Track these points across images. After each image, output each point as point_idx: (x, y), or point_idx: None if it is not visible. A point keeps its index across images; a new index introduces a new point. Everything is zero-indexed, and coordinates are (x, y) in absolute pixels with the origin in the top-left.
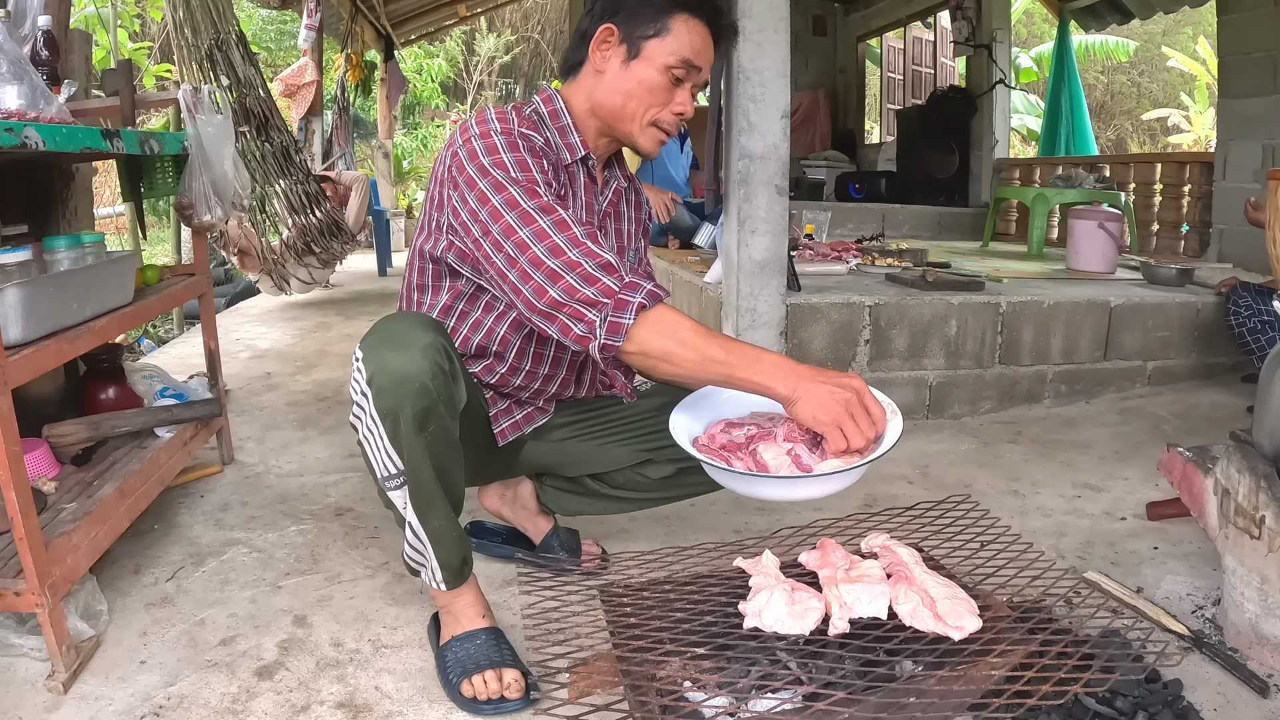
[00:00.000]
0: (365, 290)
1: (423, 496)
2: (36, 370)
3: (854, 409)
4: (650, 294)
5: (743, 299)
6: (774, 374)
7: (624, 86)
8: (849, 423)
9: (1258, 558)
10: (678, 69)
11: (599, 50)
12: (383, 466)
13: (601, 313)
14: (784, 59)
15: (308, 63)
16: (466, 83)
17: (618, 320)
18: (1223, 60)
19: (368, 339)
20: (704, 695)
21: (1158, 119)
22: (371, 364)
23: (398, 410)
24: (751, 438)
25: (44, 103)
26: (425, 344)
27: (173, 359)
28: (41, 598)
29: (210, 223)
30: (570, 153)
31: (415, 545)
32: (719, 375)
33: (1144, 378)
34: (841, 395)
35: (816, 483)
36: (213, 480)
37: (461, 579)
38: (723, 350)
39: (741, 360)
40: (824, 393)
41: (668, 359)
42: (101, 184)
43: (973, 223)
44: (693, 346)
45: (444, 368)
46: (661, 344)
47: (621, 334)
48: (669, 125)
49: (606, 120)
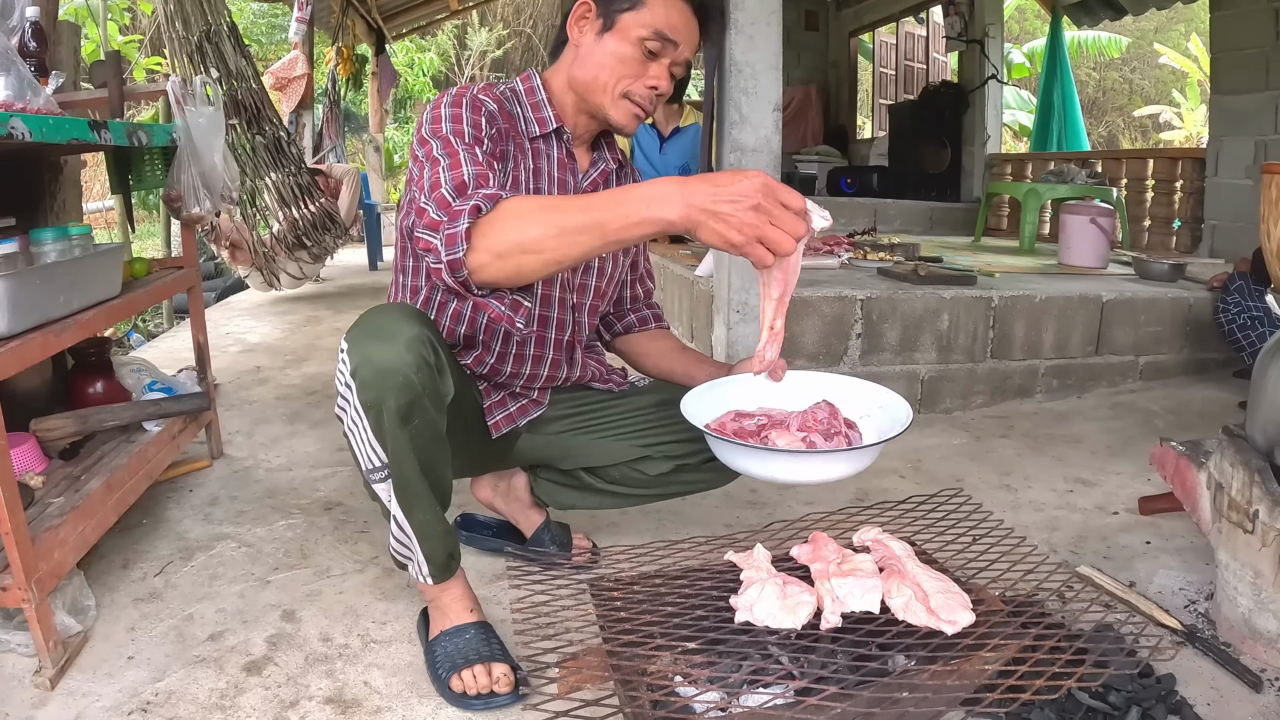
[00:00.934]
0: (355, 284)
1: (407, 490)
2: (23, 363)
3: (768, 208)
4: (487, 196)
5: (734, 292)
6: (655, 203)
7: (596, 58)
8: (768, 229)
9: (1251, 552)
10: (651, 41)
11: (576, 25)
12: (367, 459)
13: (440, 232)
14: (776, 52)
15: (298, 56)
16: (458, 77)
17: (454, 230)
18: (1215, 57)
19: (353, 330)
20: (695, 690)
21: (1149, 116)
22: (356, 356)
23: (381, 403)
24: (763, 426)
25: (31, 94)
26: (410, 336)
27: (162, 353)
28: (28, 593)
29: (199, 215)
30: (540, 125)
31: (400, 539)
32: (593, 240)
33: (1136, 373)
34: (746, 199)
35: (840, 459)
36: (201, 475)
37: (448, 573)
38: (581, 209)
39: (609, 208)
40: (724, 204)
41: (524, 248)
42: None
43: (964, 218)
44: (545, 221)
45: (429, 360)
46: (508, 235)
47: (459, 243)
48: (642, 98)
49: (580, 93)
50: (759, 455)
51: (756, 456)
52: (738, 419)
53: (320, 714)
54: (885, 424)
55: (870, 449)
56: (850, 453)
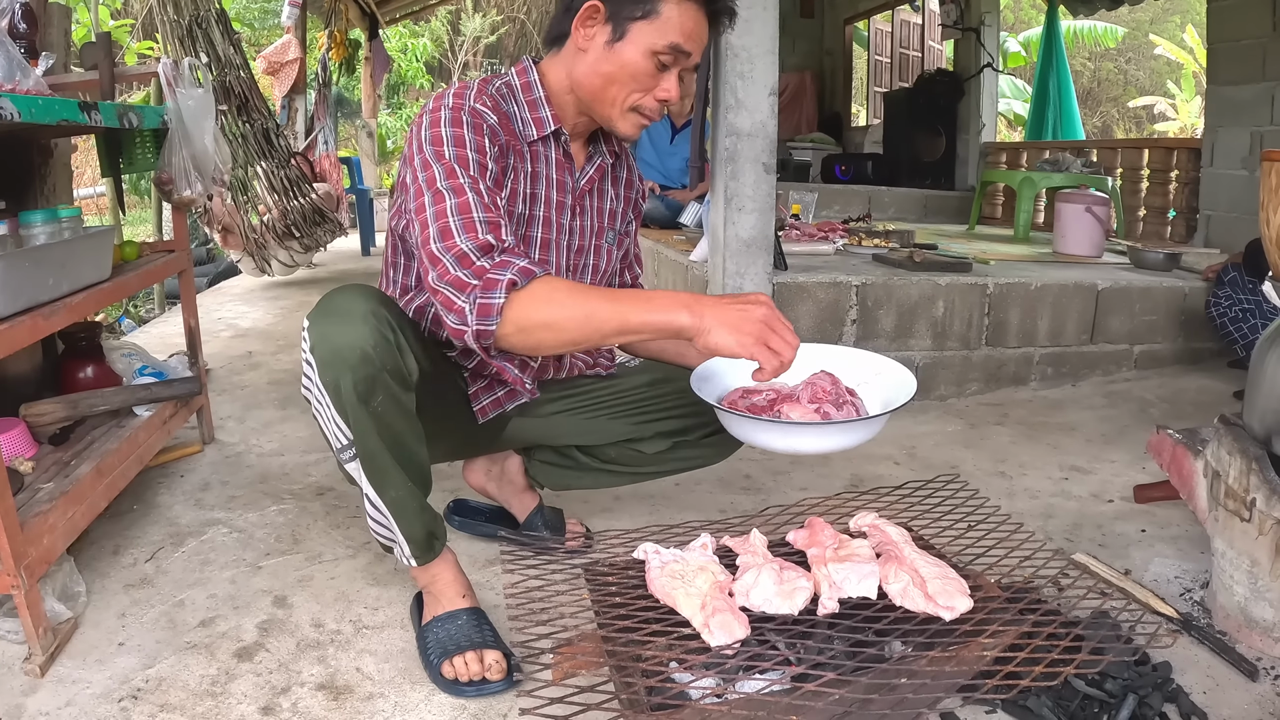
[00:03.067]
0: (349, 270)
1: (375, 466)
2: (11, 346)
3: (772, 323)
4: (523, 270)
5: (729, 277)
6: (672, 308)
7: (605, 69)
8: (774, 338)
9: (1247, 541)
10: (664, 55)
11: (583, 27)
12: (335, 437)
13: (470, 296)
14: (772, 36)
15: (291, 40)
16: (451, 63)
17: (488, 301)
18: (1211, 47)
19: (313, 311)
20: (690, 676)
21: (1144, 107)
22: (314, 335)
23: (338, 380)
24: (773, 401)
25: (20, 75)
26: (365, 312)
27: (153, 338)
28: (17, 579)
29: (190, 198)
30: (538, 127)
31: (377, 518)
32: (612, 328)
33: (1130, 361)
34: (754, 312)
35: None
36: (193, 460)
37: (431, 553)
38: (608, 301)
39: (632, 305)
40: (735, 315)
41: (549, 326)
42: (82, 164)
43: (959, 206)
44: (574, 306)
45: (387, 337)
46: (538, 312)
47: (494, 315)
48: (651, 111)
49: (585, 101)
50: (780, 429)
51: (778, 430)
52: (746, 395)
53: (312, 700)
54: (884, 389)
55: (885, 416)
56: (868, 421)
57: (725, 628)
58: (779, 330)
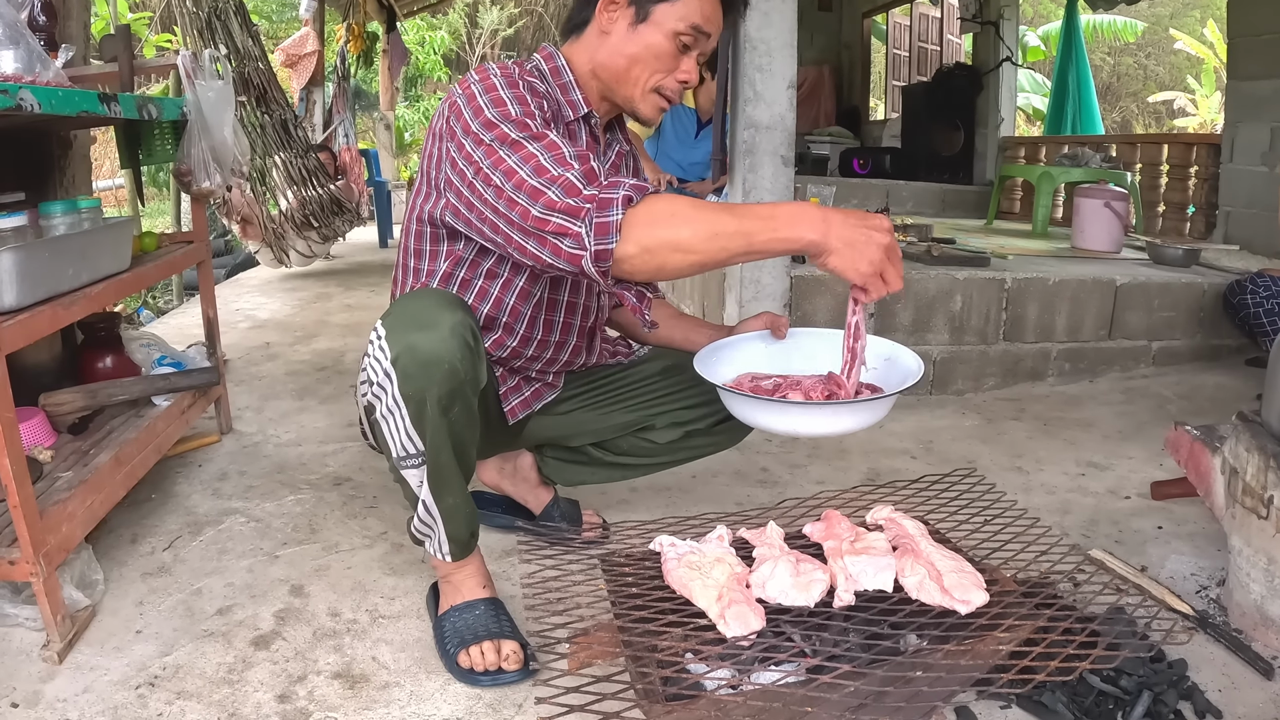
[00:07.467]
0: (366, 261)
1: (441, 476)
2: (31, 336)
3: (892, 253)
4: (635, 187)
5: (746, 270)
6: (798, 223)
7: (629, 50)
8: (890, 269)
9: (1265, 538)
10: (686, 35)
11: (606, 11)
12: (400, 447)
13: (586, 219)
14: (791, 29)
15: (309, 32)
16: (469, 55)
17: (605, 220)
18: (1232, 42)
19: (391, 318)
20: (706, 667)
21: (1164, 102)
22: (396, 345)
23: (424, 393)
24: (778, 386)
25: (40, 67)
26: (454, 323)
27: (172, 329)
28: (36, 567)
29: (209, 189)
30: (572, 109)
31: (425, 520)
32: (738, 247)
33: (1148, 358)
34: (878, 239)
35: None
36: (211, 450)
37: (468, 551)
38: (734, 217)
39: (757, 221)
40: (861, 237)
41: (676, 246)
42: (101, 155)
43: (977, 200)
44: (699, 223)
45: (471, 346)
46: (663, 232)
47: (613, 234)
48: (672, 92)
49: (608, 83)
50: (780, 409)
51: (778, 410)
52: (754, 380)
53: (328, 688)
54: (893, 376)
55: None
56: (870, 403)
57: (741, 619)
58: (894, 262)
